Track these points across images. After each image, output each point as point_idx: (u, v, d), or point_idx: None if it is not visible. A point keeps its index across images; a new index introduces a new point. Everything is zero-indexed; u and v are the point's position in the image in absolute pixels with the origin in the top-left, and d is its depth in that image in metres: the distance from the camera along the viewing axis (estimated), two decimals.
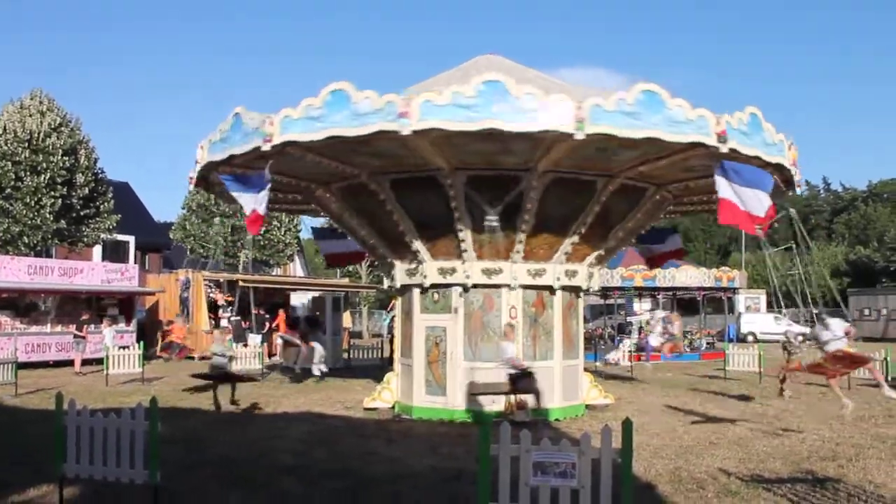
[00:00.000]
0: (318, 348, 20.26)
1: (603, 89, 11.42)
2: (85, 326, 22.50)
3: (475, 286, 13.22)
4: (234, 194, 11.37)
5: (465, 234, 12.78)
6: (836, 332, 12.42)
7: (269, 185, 10.87)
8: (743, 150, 10.86)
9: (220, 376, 14.58)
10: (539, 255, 13.34)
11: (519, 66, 13.88)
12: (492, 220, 12.43)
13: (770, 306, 48.01)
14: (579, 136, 10.20)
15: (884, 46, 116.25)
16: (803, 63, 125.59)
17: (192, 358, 22.10)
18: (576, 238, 13.35)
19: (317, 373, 19.76)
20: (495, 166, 12.08)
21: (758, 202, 10.33)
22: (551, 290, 13.65)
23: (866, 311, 43.97)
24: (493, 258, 13.11)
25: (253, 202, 10.89)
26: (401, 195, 12.75)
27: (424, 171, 12.25)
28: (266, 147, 10.75)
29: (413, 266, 13.60)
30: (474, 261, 13.08)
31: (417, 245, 13.18)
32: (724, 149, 10.70)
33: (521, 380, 12.35)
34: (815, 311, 34.73)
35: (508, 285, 13.27)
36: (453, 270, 13.18)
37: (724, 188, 10.35)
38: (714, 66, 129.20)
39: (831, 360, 12.39)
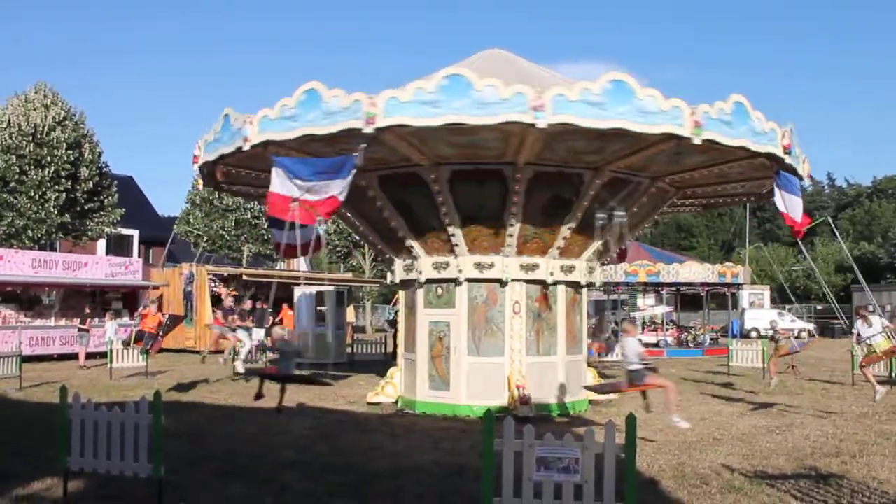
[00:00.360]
0: (247, 342, 19.01)
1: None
2: (88, 320, 22.55)
3: (514, 280, 13.23)
4: (292, 180, 10.20)
5: (514, 230, 12.76)
6: (877, 328, 14.78)
7: (354, 171, 10.17)
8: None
9: (289, 378, 13.42)
10: (572, 252, 13.55)
11: (523, 60, 13.87)
12: (620, 214, 12.46)
13: (773, 302, 47.96)
14: (696, 140, 10.53)
15: (888, 42, 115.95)
16: (807, 58, 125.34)
17: (199, 352, 21.98)
18: (608, 237, 13.61)
19: (241, 370, 18.39)
20: (565, 164, 12.18)
21: (798, 208, 11.64)
22: (578, 286, 13.94)
23: (870, 308, 43.86)
24: (531, 254, 13.19)
25: (332, 188, 10.04)
26: (455, 187, 12.48)
27: (493, 164, 12.14)
28: (368, 129, 10.23)
29: (444, 260, 13.38)
30: (514, 256, 13.10)
31: (457, 238, 12.97)
32: (788, 160, 11.52)
33: (645, 375, 12.10)
34: (819, 306, 34.64)
35: (544, 281, 13.37)
36: (491, 265, 13.13)
37: (778, 198, 11.55)
38: (715, 60, 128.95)
39: (889, 353, 15.11)
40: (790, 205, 11.61)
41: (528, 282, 13.33)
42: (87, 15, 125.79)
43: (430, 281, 13.68)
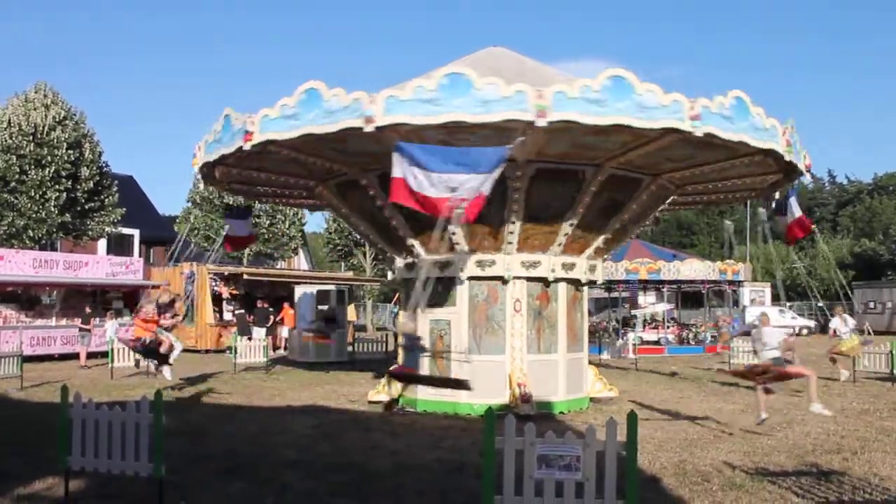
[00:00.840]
0: (177, 345, 16.14)
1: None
2: (91, 319, 22.55)
3: (557, 280, 13.50)
4: (423, 167, 9.18)
5: (570, 229, 13.02)
6: (850, 327, 18.31)
7: (503, 166, 9.46)
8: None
9: (424, 380, 12.50)
10: (600, 252, 14.13)
11: (526, 58, 13.85)
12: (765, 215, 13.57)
13: (775, 299, 47.87)
14: (787, 157, 11.86)
15: (889, 40, 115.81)
16: (808, 54, 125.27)
17: (198, 351, 21.87)
18: (609, 234, 14.08)
19: (168, 376, 15.74)
20: (633, 168, 12.79)
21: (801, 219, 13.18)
22: (593, 283, 14.61)
23: (871, 305, 43.86)
24: (572, 254, 13.58)
25: (477, 184, 9.17)
26: (534, 185, 12.41)
27: (575, 165, 12.36)
28: (541, 122, 10.05)
29: (490, 258, 13.19)
30: (559, 255, 13.35)
31: (514, 237, 12.93)
32: (805, 173, 12.86)
33: (785, 363, 12.04)
34: (819, 304, 34.72)
35: (579, 280, 13.86)
36: (538, 263, 13.22)
37: (794, 207, 13.11)
38: (715, 59, 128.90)
39: (852, 351, 18.26)
40: (796, 212, 12.95)
41: (567, 280, 13.63)
42: (88, 15, 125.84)
43: (471, 279, 13.39)
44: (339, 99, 10.41)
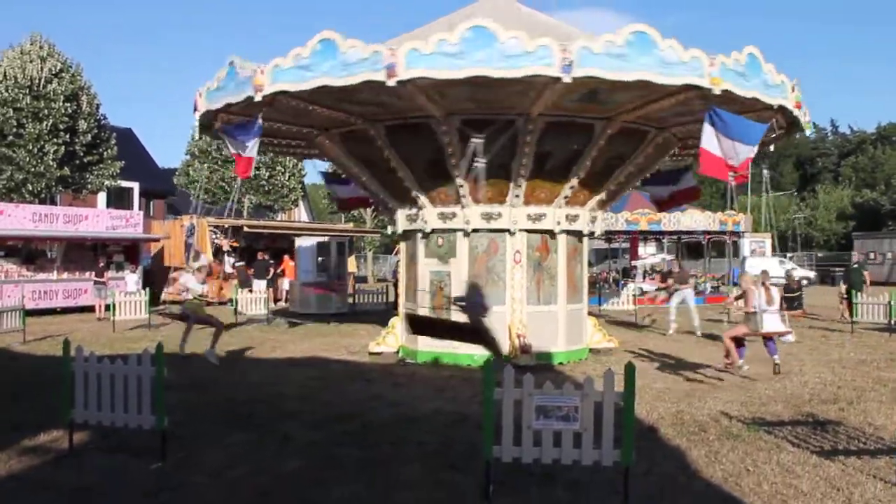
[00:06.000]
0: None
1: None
2: (105, 272, 22.76)
3: (559, 232, 13.57)
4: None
5: (574, 181, 13.13)
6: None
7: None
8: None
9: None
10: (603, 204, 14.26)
11: (525, 9, 13.65)
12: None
13: (775, 250, 47.93)
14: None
15: None
16: (811, 2, 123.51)
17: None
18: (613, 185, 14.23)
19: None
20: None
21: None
22: (580, 234, 14.21)
23: (871, 255, 43.88)
24: (574, 205, 13.72)
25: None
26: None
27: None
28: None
29: (495, 210, 13.24)
30: (563, 207, 13.43)
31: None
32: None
33: None
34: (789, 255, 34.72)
35: (580, 232, 14.00)
36: (542, 216, 13.33)
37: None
38: (717, 5, 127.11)
39: None
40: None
41: (568, 232, 13.66)
42: None
43: (406, 232, 13.76)
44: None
